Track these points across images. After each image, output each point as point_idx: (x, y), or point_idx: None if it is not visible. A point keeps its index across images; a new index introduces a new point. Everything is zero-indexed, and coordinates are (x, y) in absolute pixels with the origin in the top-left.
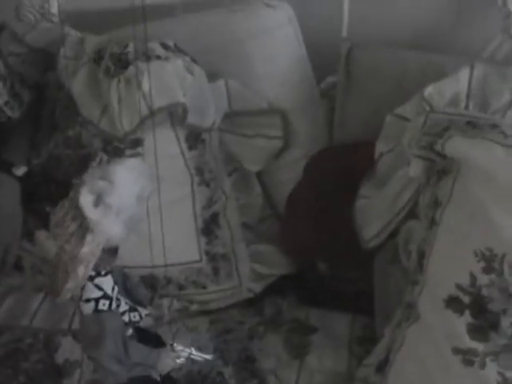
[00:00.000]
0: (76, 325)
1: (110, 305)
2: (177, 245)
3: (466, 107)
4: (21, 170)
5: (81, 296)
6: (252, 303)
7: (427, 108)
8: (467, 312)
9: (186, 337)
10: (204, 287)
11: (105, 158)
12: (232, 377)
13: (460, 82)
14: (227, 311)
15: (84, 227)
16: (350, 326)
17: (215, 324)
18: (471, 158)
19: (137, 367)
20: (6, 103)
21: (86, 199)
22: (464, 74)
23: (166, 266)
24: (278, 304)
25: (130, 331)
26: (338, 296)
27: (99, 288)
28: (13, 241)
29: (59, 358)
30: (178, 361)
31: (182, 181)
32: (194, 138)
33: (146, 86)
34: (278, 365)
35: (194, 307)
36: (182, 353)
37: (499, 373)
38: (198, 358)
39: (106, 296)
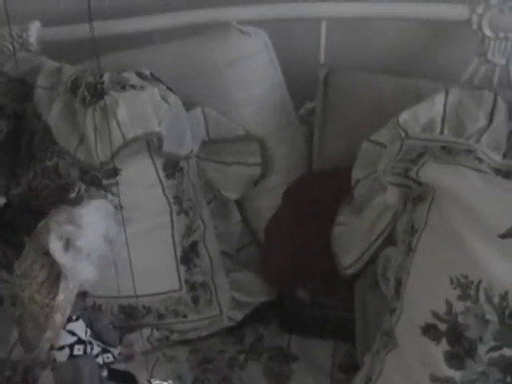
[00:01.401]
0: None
1: (85, 349)
2: (156, 274)
3: (441, 132)
4: (0, 201)
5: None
6: (232, 331)
7: (402, 134)
8: (444, 340)
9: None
10: (184, 316)
11: (83, 187)
12: None
13: (435, 107)
14: (207, 340)
15: (54, 274)
16: (331, 353)
17: (195, 353)
18: (445, 184)
19: None
20: None
21: (55, 245)
22: (439, 99)
23: (145, 295)
24: (259, 332)
25: (105, 373)
26: (319, 323)
27: (72, 333)
28: None
29: None
30: None
31: (160, 210)
32: (172, 167)
33: (120, 115)
34: None
35: (174, 336)
36: None
37: None
38: None
39: (80, 341)
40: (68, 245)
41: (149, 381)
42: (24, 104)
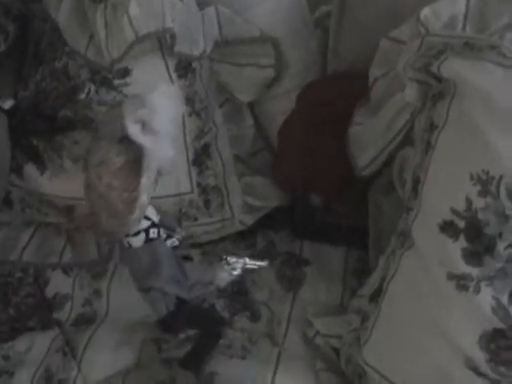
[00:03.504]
0: (66, 258)
1: (159, 232)
2: (168, 176)
3: (464, 29)
4: (8, 104)
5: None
6: (244, 237)
7: (423, 31)
8: (462, 236)
9: None
10: (195, 219)
11: (93, 88)
12: (224, 309)
13: (458, 3)
14: (219, 244)
15: (132, 159)
16: (344, 259)
17: (207, 255)
18: (467, 79)
19: (195, 286)
20: None
21: (133, 129)
22: None
23: (156, 197)
24: (271, 237)
25: None
26: (331, 230)
27: (147, 218)
28: (1, 175)
29: (49, 292)
30: (235, 272)
31: None
32: (184, 68)
33: (133, 11)
34: (270, 297)
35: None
36: (237, 264)
37: (493, 297)
38: (254, 267)
39: (153, 224)
40: (144, 128)
41: (225, 258)
42: (30, 4)
